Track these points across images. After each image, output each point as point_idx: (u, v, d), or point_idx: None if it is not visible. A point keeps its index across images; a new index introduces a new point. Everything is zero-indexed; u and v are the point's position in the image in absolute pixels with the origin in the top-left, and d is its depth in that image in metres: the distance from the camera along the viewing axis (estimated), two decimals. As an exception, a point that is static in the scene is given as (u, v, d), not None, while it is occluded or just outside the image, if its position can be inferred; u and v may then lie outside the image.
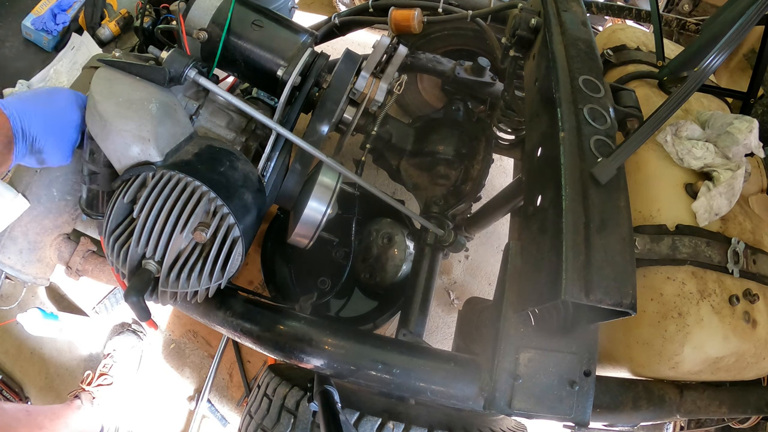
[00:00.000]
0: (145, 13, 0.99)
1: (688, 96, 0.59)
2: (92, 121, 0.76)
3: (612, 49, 1.05)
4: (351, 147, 1.45)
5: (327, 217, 0.90)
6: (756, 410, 0.82)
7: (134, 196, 0.75)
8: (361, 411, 0.78)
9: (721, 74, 1.23)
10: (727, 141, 0.78)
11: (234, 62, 0.94)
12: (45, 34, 1.91)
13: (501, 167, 2.05)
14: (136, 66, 0.78)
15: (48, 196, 0.98)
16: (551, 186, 0.63)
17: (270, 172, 0.89)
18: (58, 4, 1.95)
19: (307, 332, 0.74)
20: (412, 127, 1.26)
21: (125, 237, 0.74)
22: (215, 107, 0.92)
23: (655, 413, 0.75)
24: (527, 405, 0.64)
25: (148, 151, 0.74)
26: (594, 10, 1.41)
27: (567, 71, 0.72)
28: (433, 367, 0.71)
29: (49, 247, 1.02)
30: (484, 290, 1.85)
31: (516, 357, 0.65)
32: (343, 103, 0.95)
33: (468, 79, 1.25)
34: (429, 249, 1.15)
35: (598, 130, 0.66)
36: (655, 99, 0.90)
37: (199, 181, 0.73)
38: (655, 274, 0.73)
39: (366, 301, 1.21)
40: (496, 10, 1.09)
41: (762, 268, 0.77)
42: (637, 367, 0.74)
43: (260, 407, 0.89)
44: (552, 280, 0.55)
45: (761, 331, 0.73)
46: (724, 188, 0.75)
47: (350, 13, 1.30)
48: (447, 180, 1.24)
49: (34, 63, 1.91)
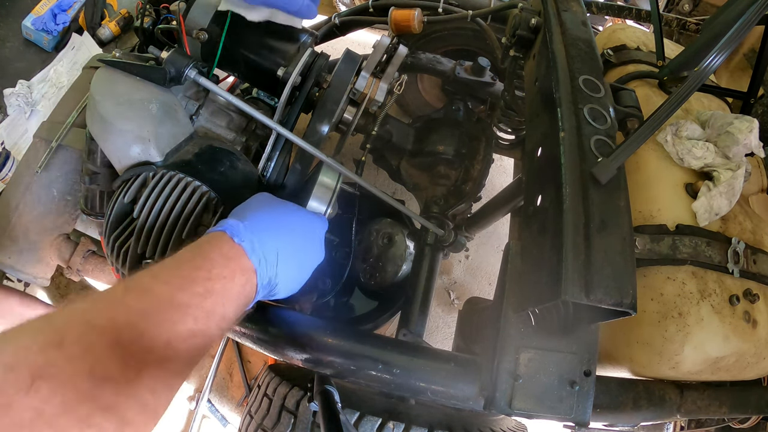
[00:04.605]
0: (145, 13, 0.99)
1: (688, 96, 0.59)
2: (92, 121, 0.76)
3: (612, 48, 1.04)
4: (351, 147, 1.45)
5: (327, 217, 0.90)
6: (756, 410, 0.82)
7: (134, 196, 0.75)
8: (361, 411, 0.78)
9: (721, 74, 1.23)
10: (728, 141, 0.78)
11: (234, 62, 0.94)
12: (45, 34, 1.92)
13: (501, 167, 2.05)
14: (136, 66, 0.78)
15: (48, 196, 0.98)
16: (551, 186, 0.63)
17: (270, 172, 0.89)
18: (58, 5, 1.96)
19: (307, 332, 0.74)
20: (413, 127, 1.26)
21: (125, 237, 0.74)
22: (215, 107, 0.92)
23: (655, 413, 0.75)
24: (527, 405, 0.64)
25: (148, 151, 0.74)
26: (594, 10, 1.41)
27: (567, 71, 0.72)
28: (433, 367, 0.71)
29: (49, 247, 1.02)
30: (484, 290, 1.85)
31: (516, 357, 0.65)
32: (344, 103, 0.95)
33: (468, 79, 1.25)
34: (429, 249, 1.15)
35: (599, 130, 0.66)
36: (655, 99, 0.90)
37: (199, 181, 0.73)
38: (655, 274, 0.73)
39: (366, 301, 1.21)
40: (496, 10, 1.09)
41: (762, 268, 0.77)
42: (638, 367, 0.74)
43: (260, 407, 0.89)
44: (552, 280, 0.55)
45: (761, 331, 0.73)
46: (725, 188, 0.75)
47: (350, 13, 1.30)
48: (447, 180, 1.24)
49: (34, 63, 1.92)
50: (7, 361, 0.37)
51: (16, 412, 0.35)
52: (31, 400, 0.35)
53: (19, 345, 0.39)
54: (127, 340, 0.43)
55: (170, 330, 0.46)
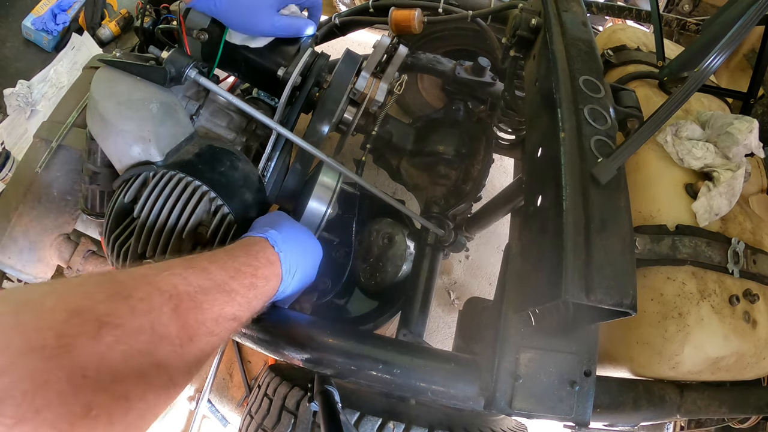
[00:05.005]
0: (145, 14, 0.99)
1: (688, 96, 0.59)
2: (93, 121, 0.76)
3: (612, 49, 1.05)
4: (351, 147, 1.45)
5: (327, 216, 0.90)
6: (756, 410, 0.82)
7: (135, 196, 0.75)
8: (361, 411, 0.78)
9: (721, 74, 1.23)
10: (728, 141, 0.78)
11: (234, 62, 0.94)
12: (45, 34, 1.92)
13: (501, 167, 2.05)
14: (136, 66, 0.78)
15: (48, 196, 0.98)
16: (551, 186, 0.63)
17: (270, 172, 0.89)
18: (58, 4, 1.95)
19: (307, 332, 0.74)
20: (413, 127, 1.26)
21: (125, 237, 0.74)
22: (216, 107, 0.92)
23: (655, 413, 0.75)
24: (528, 405, 0.64)
25: (148, 150, 0.74)
26: (594, 10, 1.41)
27: (567, 71, 0.72)
28: (433, 367, 0.71)
29: (49, 247, 1.02)
30: (484, 290, 1.85)
31: (516, 357, 0.65)
32: (344, 103, 0.95)
33: (468, 79, 1.25)
34: (429, 249, 1.15)
35: (599, 130, 0.66)
36: (656, 99, 0.90)
37: (199, 181, 0.73)
38: (655, 274, 0.73)
39: (366, 301, 1.20)
40: (497, 10, 1.09)
41: (762, 268, 0.77)
42: (638, 367, 0.74)
43: (261, 407, 0.89)
44: (552, 281, 0.55)
45: (761, 331, 0.73)
46: (725, 188, 0.75)
47: (350, 13, 1.29)
48: (447, 180, 1.24)
49: (34, 63, 1.92)
50: (72, 307, 0.38)
51: (79, 357, 0.36)
52: (96, 346, 0.37)
53: (85, 292, 0.40)
54: (185, 308, 0.47)
55: (219, 309, 0.51)
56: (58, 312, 0.37)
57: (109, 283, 0.43)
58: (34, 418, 0.32)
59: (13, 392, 0.32)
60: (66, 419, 0.34)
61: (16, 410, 0.32)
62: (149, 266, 0.49)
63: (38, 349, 0.34)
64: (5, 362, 0.33)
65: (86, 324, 0.37)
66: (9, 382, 0.32)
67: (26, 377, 0.33)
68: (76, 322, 0.37)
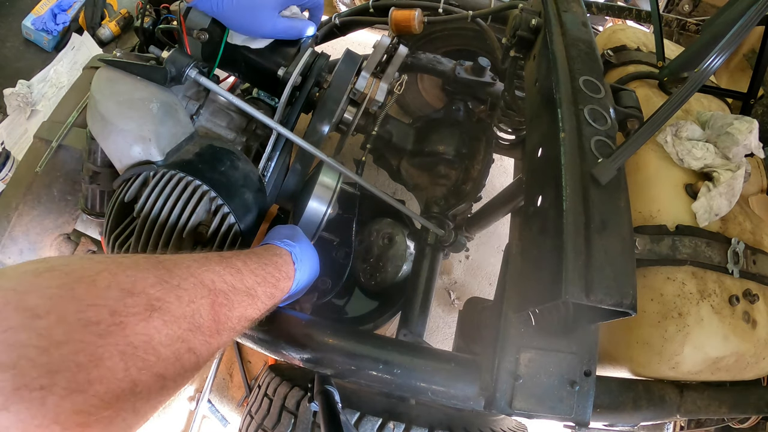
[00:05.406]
0: (145, 13, 0.99)
1: (688, 97, 0.59)
2: (93, 120, 0.76)
3: (612, 49, 1.05)
4: (351, 147, 1.45)
5: (327, 217, 0.90)
6: (756, 410, 0.82)
7: (135, 195, 0.75)
8: (361, 411, 0.78)
9: (721, 74, 1.23)
10: (727, 141, 0.78)
11: (234, 62, 0.94)
12: (45, 34, 1.92)
13: (501, 167, 2.05)
14: (136, 66, 0.78)
15: (48, 196, 0.98)
16: (552, 186, 0.63)
17: (270, 172, 0.89)
18: (58, 4, 1.95)
19: (308, 332, 0.74)
20: (413, 127, 1.26)
21: (125, 237, 0.74)
22: (216, 107, 0.92)
23: (655, 413, 0.75)
24: (528, 405, 0.64)
25: (149, 150, 0.74)
26: (594, 11, 1.41)
27: (567, 72, 0.72)
28: (433, 367, 0.71)
29: (50, 247, 1.02)
30: (484, 290, 1.85)
31: (516, 357, 0.65)
32: (344, 103, 0.95)
33: (468, 79, 1.25)
34: (429, 249, 1.15)
35: (599, 130, 0.66)
36: (656, 99, 0.90)
37: (199, 181, 0.73)
38: (655, 274, 0.73)
39: (366, 301, 1.21)
40: (497, 10, 1.09)
41: (762, 269, 0.77)
42: (638, 367, 0.74)
43: (261, 407, 0.89)
44: (553, 281, 0.55)
45: (761, 331, 0.73)
46: (724, 188, 0.75)
47: (350, 14, 1.30)
48: (447, 180, 1.24)
49: (34, 63, 1.92)
50: (126, 287, 0.40)
51: (131, 335, 0.38)
52: (146, 327, 0.40)
53: (138, 274, 0.43)
54: (219, 304, 0.51)
55: (243, 310, 0.56)
56: (113, 290, 0.39)
57: (158, 269, 0.46)
58: (86, 390, 0.34)
59: (69, 364, 0.33)
60: (114, 394, 0.36)
61: (70, 382, 0.33)
62: (191, 257, 0.52)
63: (94, 323, 0.36)
64: (63, 333, 0.34)
65: (138, 305, 0.40)
66: (67, 353, 0.34)
67: (82, 350, 0.35)
68: (130, 303, 0.39)
